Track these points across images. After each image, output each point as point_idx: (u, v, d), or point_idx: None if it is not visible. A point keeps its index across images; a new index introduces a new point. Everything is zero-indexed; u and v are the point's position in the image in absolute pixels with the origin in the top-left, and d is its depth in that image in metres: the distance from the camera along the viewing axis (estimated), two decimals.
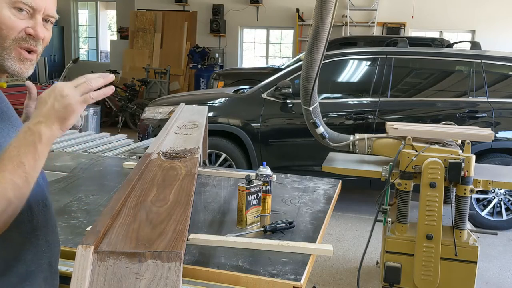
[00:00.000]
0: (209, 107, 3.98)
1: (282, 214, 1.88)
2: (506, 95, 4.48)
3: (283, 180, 2.38)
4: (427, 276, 2.65)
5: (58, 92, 0.95)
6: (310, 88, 3.04)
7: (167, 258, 1.04)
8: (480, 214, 4.45)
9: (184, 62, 11.70)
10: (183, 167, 1.69)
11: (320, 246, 1.58)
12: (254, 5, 11.60)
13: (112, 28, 14.32)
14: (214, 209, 1.90)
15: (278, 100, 4.70)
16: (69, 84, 0.97)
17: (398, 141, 2.82)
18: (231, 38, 12.07)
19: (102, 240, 1.10)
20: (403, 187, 2.64)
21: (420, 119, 4.50)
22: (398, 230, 2.71)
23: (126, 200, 1.35)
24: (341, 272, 3.60)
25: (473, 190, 2.58)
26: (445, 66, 4.74)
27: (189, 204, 1.34)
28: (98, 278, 1.02)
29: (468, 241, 2.64)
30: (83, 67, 13.01)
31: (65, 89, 0.95)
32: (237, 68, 10.70)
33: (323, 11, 2.70)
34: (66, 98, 0.94)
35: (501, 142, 4.39)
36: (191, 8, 12.12)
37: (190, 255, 1.46)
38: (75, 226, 1.68)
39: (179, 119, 2.52)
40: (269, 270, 1.39)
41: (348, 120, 4.63)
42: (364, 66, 4.92)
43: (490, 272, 3.67)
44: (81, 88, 0.97)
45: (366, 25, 11.06)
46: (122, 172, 2.45)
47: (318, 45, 2.85)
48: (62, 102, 0.94)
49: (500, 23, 10.27)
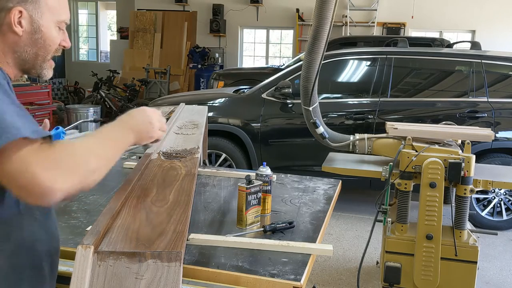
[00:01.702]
0: (209, 107, 3.98)
1: (282, 214, 1.88)
2: (506, 95, 4.48)
3: (283, 180, 2.38)
4: (427, 276, 2.65)
5: (148, 119, 1.27)
6: (310, 88, 3.04)
7: (167, 258, 1.04)
8: (480, 214, 4.45)
9: (184, 62, 11.70)
10: (183, 167, 1.69)
11: (320, 246, 1.58)
12: (254, 5, 11.60)
13: (112, 28, 14.32)
14: (214, 209, 1.90)
15: (278, 100, 4.70)
16: (158, 116, 1.31)
17: (398, 141, 2.82)
18: (231, 38, 12.07)
19: (102, 240, 1.10)
20: (403, 187, 2.64)
21: (420, 119, 4.50)
22: (398, 230, 2.71)
23: (126, 200, 1.35)
24: (341, 272, 3.60)
25: (473, 190, 2.58)
26: (445, 66, 4.73)
27: (189, 204, 1.34)
28: (98, 278, 1.02)
29: (468, 241, 2.64)
30: (83, 67, 13.03)
31: (153, 119, 1.28)
32: (237, 68, 10.70)
33: (323, 11, 2.70)
34: (153, 128, 1.28)
35: (501, 142, 4.39)
36: (191, 8, 12.12)
37: (190, 255, 1.46)
38: (75, 226, 1.68)
39: (179, 119, 2.52)
40: (269, 270, 1.39)
41: (348, 120, 4.63)
42: (364, 66, 4.92)
43: (490, 272, 3.67)
44: (163, 126, 1.32)
45: (366, 25, 11.06)
46: (122, 172, 2.45)
47: (318, 45, 2.85)
48: (148, 128, 1.27)
49: (500, 23, 10.27)
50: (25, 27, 1.12)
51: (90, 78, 10.57)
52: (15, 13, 1.10)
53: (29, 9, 1.12)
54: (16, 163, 0.91)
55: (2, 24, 1.11)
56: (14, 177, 0.91)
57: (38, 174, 0.91)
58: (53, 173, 0.93)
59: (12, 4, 1.10)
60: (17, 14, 1.10)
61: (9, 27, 1.11)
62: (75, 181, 0.97)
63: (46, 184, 0.91)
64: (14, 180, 0.92)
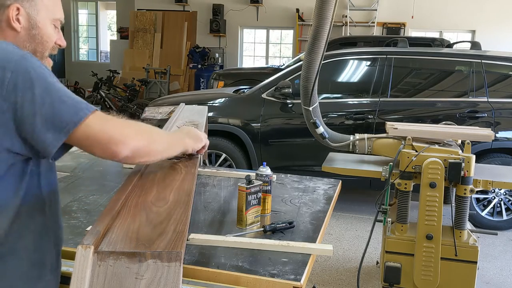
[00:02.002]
0: (209, 107, 3.98)
1: (282, 214, 1.87)
2: (506, 95, 4.48)
3: (283, 180, 2.38)
4: (427, 276, 2.65)
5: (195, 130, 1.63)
6: (310, 88, 3.04)
7: (167, 258, 1.04)
8: (480, 214, 4.45)
9: (184, 62, 11.71)
10: (183, 167, 1.69)
11: (320, 246, 1.58)
12: (254, 5, 11.60)
13: (112, 28, 14.32)
14: (214, 209, 1.90)
15: (278, 100, 4.70)
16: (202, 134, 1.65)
17: (398, 141, 2.82)
18: (231, 38, 12.07)
19: (102, 240, 1.10)
20: (403, 187, 2.64)
21: (420, 119, 4.50)
22: (398, 230, 2.71)
23: (126, 200, 1.35)
24: (341, 272, 3.60)
25: (473, 190, 2.58)
26: (445, 66, 4.74)
27: (189, 204, 1.34)
28: (98, 278, 1.02)
29: (468, 241, 2.64)
30: (83, 67, 13.03)
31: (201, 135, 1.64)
32: (237, 68, 10.70)
33: (323, 11, 2.70)
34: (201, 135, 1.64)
35: (501, 142, 4.39)
36: (191, 8, 12.12)
37: (190, 255, 1.46)
38: (75, 226, 1.68)
39: (179, 119, 2.52)
40: (269, 270, 1.39)
41: (348, 120, 4.63)
42: (364, 66, 4.92)
43: (490, 272, 3.67)
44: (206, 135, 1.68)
45: (366, 25, 11.07)
46: (122, 172, 2.45)
47: (318, 45, 2.85)
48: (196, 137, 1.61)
49: (500, 23, 10.27)
50: (22, 24, 1.19)
51: (90, 78, 10.58)
52: (13, 10, 1.17)
53: (25, 6, 1.19)
54: (97, 129, 1.12)
55: (1, 21, 1.17)
56: (96, 140, 1.12)
57: (114, 131, 1.15)
58: (126, 131, 1.18)
59: (9, 2, 1.17)
60: (15, 11, 1.17)
61: (8, 24, 1.18)
62: (142, 141, 1.22)
63: (120, 138, 1.15)
64: (96, 140, 1.12)
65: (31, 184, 1.15)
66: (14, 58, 1.07)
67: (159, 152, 1.31)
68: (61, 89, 1.10)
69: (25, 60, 1.08)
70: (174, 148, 1.44)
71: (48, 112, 1.06)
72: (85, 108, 1.11)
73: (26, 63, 1.07)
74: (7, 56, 1.07)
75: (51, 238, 1.23)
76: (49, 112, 1.06)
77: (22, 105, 1.05)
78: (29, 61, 1.09)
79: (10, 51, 1.09)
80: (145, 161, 1.26)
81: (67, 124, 1.08)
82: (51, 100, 1.07)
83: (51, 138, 1.07)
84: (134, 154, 1.19)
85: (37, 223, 1.18)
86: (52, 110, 1.07)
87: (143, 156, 1.23)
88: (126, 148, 1.16)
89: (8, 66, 1.05)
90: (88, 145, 1.13)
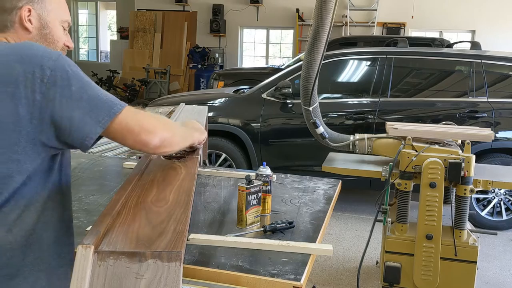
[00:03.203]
0: (209, 107, 3.98)
1: (282, 214, 1.88)
2: (506, 95, 4.48)
3: (283, 180, 2.38)
4: (427, 276, 2.65)
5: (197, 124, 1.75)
6: (310, 88, 3.04)
7: (167, 258, 1.04)
8: (480, 214, 4.45)
9: (184, 62, 11.71)
10: (183, 167, 1.69)
11: (320, 246, 1.58)
12: (254, 5, 11.60)
13: (112, 28, 14.32)
14: (214, 209, 1.90)
15: (278, 100, 4.70)
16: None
17: (398, 141, 2.82)
18: (231, 38, 12.07)
19: (102, 240, 1.10)
20: (403, 187, 2.64)
21: (420, 119, 4.50)
22: (398, 230, 2.71)
23: (126, 200, 1.35)
24: (341, 272, 3.60)
25: (473, 190, 2.58)
26: (445, 66, 4.73)
27: (189, 204, 1.34)
28: (98, 278, 1.02)
29: (468, 241, 2.64)
30: (83, 67, 13.03)
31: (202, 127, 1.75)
32: (237, 68, 10.70)
33: (323, 11, 2.70)
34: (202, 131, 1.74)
35: (501, 142, 4.39)
36: (191, 8, 12.12)
37: (190, 255, 1.46)
38: (75, 226, 1.68)
39: (179, 119, 2.52)
40: (269, 270, 1.39)
41: (348, 120, 4.63)
42: (364, 66, 4.92)
43: (490, 272, 3.67)
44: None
45: (366, 25, 11.07)
46: (122, 172, 2.45)
47: (318, 45, 2.85)
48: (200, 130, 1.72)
49: (500, 23, 10.27)
50: (34, 24, 1.27)
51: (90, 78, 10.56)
52: (25, 11, 1.25)
53: (36, 8, 1.27)
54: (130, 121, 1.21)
55: (14, 21, 1.25)
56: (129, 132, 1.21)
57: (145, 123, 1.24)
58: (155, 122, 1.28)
59: (21, 4, 1.25)
60: (26, 12, 1.25)
61: (21, 24, 1.26)
62: (168, 132, 1.30)
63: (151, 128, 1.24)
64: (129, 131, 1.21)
65: (56, 178, 1.23)
66: (52, 56, 1.13)
67: (179, 143, 1.41)
68: (95, 86, 1.18)
69: (63, 58, 1.15)
70: (188, 140, 1.55)
71: (85, 107, 1.14)
72: (119, 103, 1.20)
73: (63, 62, 1.14)
74: (44, 54, 1.13)
75: (67, 230, 1.30)
76: (86, 107, 1.14)
77: (60, 101, 1.11)
78: (66, 60, 1.15)
79: (47, 50, 1.15)
80: (168, 151, 1.36)
81: (103, 118, 1.16)
82: (88, 96, 1.15)
83: (88, 131, 1.15)
84: (161, 144, 1.27)
85: (58, 215, 1.25)
86: (89, 105, 1.14)
87: (167, 146, 1.31)
88: (156, 137, 1.25)
89: (47, 64, 1.11)
90: (122, 137, 1.21)
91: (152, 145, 1.25)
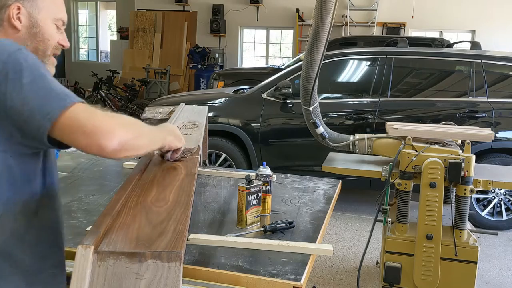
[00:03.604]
0: (209, 107, 3.98)
1: (282, 214, 1.88)
2: (506, 95, 4.48)
3: (283, 180, 2.38)
4: (427, 276, 2.65)
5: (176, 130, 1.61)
6: (310, 88, 3.04)
7: (167, 258, 1.04)
8: (480, 214, 4.45)
9: (184, 62, 11.70)
10: (183, 167, 1.69)
11: (320, 246, 1.58)
12: (254, 5, 11.60)
13: (112, 28, 14.32)
14: (214, 209, 1.90)
15: (278, 100, 4.70)
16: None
17: (398, 141, 2.82)
18: (231, 38, 12.07)
19: (102, 240, 1.09)
20: (403, 187, 2.64)
21: (420, 119, 4.50)
22: (398, 230, 2.71)
23: (126, 200, 1.35)
24: (341, 272, 3.60)
25: (473, 190, 2.58)
26: (445, 66, 4.73)
27: (189, 204, 1.34)
28: (98, 278, 1.02)
29: (468, 241, 2.64)
30: (83, 67, 13.03)
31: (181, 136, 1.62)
32: (237, 68, 10.70)
33: (323, 11, 2.70)
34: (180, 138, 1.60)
35: (501, 142, 4.39)
36: (191, 8, 12.12)
37: (190, 255, 1.46)
38: (75, 226, 1.68)
39: (179, 119, 2.52)
40: (269, 270, 1.39)
41: (348, 120, 4.63)
42: (364, 66, 4.92)
43: (490, 272, 3.67)
44: None
45: (366, 25, 11.06)
46: (122, 172, 2.45)
47: (318, 45, 2.85)
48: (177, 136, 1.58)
49: (500, 23, 10.27)
50: (23, 22, 1.23)
51: (90, 78, 10.57)
52: (14, 8, 1.22)
53: (26, 6, 1.23)
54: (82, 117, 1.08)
55: (3, 20, 1.22)
56: (80, 129, 1.07)
57: (101, 122, 1.09)
58: (112, 122, 1.12)
59: (10, 1, 1.22)
60: (15, 10, 1.22)
61: (9, 22, 1.22)
62: (129, 133, 1.15)
63: (107, 128, 1.09)
64: (81, 131, 1.07)
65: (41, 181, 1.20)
66: (9, 50, 1.10)
67: (144, 146, 1.25)
68: (51, 79, 1.11)
69: (20, 52, 1.10)
70: (157, 143, 1.40)
71: (35, 100, 1.07)
72: (72, 97, 1.10)
73: (19, 55, 1.09)
74: (2, 48, 1.10)
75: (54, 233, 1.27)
76: (37, 101, 1.07)
77: (11, 94, 1.06)
78: (23, 53, 1.10)
79: (6, 44, 1.12)
80: (131, 155, 1.18)
81: (52, 110, 1.07)
82: (38, 89, 1.08)
83: (38, 125, 1.07)
84: (121, 147, 1.11)
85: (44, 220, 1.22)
86: (40, 98, 1.07)
87: (129, 150, 1.14)
88: (114, 139, 1.09)
89: (1, 58, 1.08)
90: (73, 136, 1.08)
91: (110, 148, 1.09)
